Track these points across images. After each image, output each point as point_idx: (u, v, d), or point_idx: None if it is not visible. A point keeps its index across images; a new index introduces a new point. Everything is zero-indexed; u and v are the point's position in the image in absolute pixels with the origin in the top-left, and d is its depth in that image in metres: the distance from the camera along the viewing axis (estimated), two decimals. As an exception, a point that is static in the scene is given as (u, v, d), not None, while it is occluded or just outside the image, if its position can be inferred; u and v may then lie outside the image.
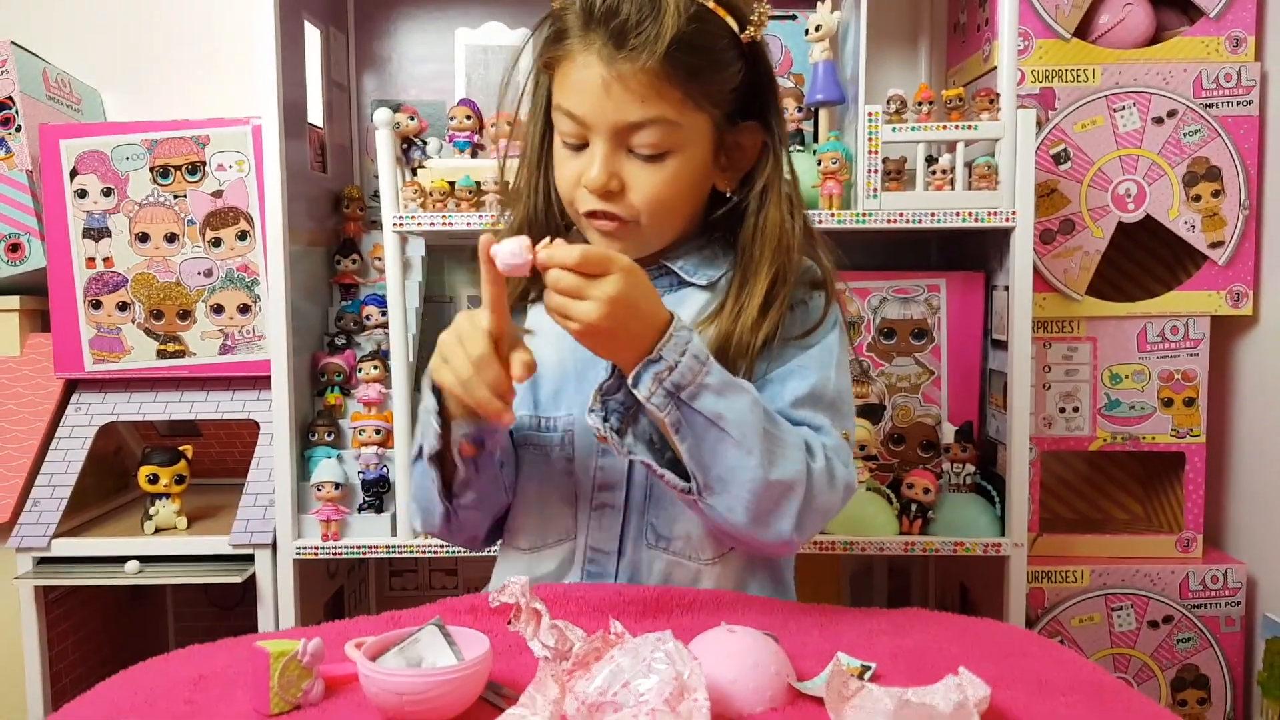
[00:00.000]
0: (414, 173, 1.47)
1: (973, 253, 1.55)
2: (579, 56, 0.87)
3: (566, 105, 0.89)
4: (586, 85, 0.87)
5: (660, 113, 0.88)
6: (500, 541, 1.03)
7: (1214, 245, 1.57)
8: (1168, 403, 1.59)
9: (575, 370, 0.96)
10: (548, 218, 0.98)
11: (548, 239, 0.81)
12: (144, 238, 1.54)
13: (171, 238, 1.54)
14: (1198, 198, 1.56)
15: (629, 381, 0.83)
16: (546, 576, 0.98)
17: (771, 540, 0.88)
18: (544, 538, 0.99)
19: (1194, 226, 1.57)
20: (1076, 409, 1.60)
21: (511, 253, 0.79)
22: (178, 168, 1.53)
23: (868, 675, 0.80)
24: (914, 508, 1.42)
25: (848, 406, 0.98)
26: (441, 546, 1.41)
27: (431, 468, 0.93)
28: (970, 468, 1.46)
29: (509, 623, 0.85)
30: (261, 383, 1.51)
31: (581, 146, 0.90)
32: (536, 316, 0.98)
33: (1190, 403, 1.58)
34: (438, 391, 0.89)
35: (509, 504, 1.00)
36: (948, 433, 1.49)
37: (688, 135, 0.91)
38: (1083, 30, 1.58)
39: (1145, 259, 1.72)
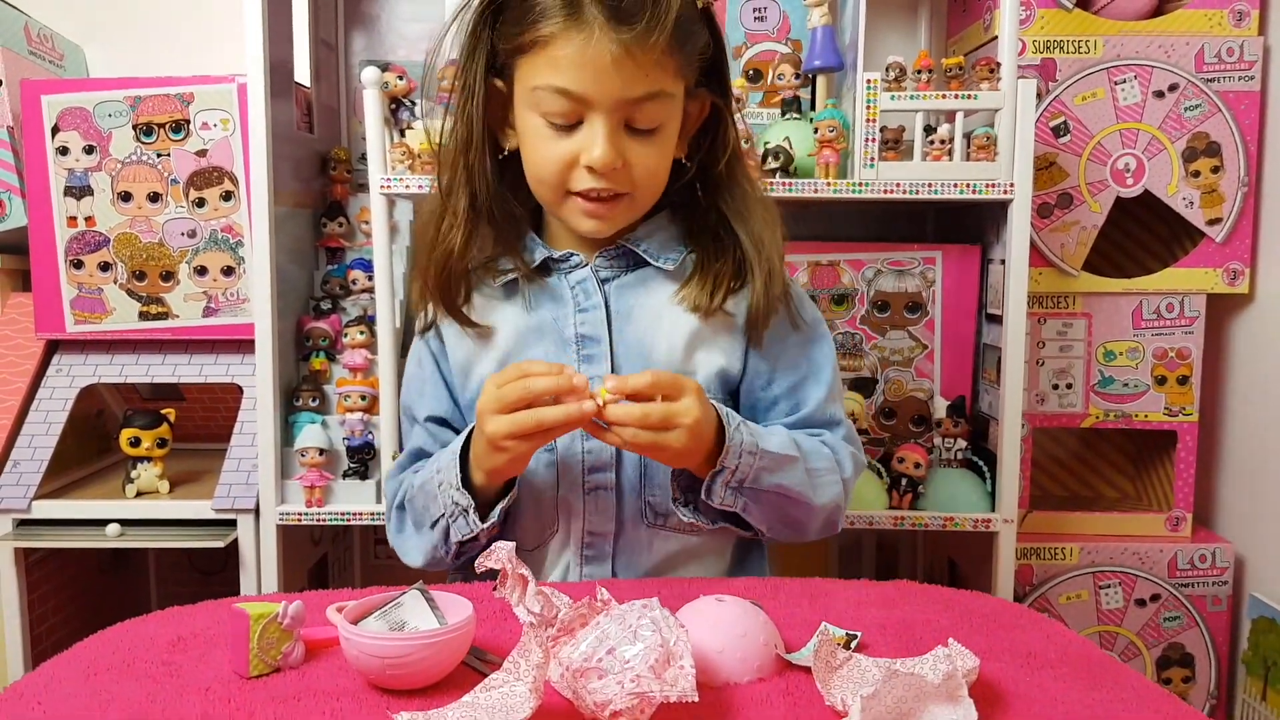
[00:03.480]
0: (402, 134, 1.44)
1: (969, 225, 1.53)
2: (574, 34, 0.84)
3: (560, 83, 0.86)
4: (589, 62, 0.84)
5: (662, 86, 0.87)
6: None
7: (1212, 222, 1.55)
8: (1161, 381, 1.58)
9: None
10: (496, 202, 0.95)
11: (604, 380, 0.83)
12: (126, 197, 1.51)
13: (155, 197, 1.51)
14: (1197, 174, 1.54)
15: (702, 493, 0.90)
16: (549, 566, 0.98)
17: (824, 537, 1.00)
18: (542, 535, 0.98)
19: (1192, 203, 1.55)
20: (1069, 385, 1.59)
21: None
22: (161, 126, 1.50)
23: (853, 644, 0.80)
24: (904, 482, 1.41)
25: None
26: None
27: (444, 541, 0.94)
28: (961, 443, 1.45)
29: (494, 589, 0.84)
30: (245, 346, 1.49)
31: (572, 126, 0.88)
32: (490, 312, 0.97)
33: (1184, 381, 1.58)
34: (469, 488, 0.90)
35: None
36: (940, 407, 1.48)
37: (676, 106, 0.91)
38: (1085, 0, 1.56)
39: (1142, 235, 1.71)
